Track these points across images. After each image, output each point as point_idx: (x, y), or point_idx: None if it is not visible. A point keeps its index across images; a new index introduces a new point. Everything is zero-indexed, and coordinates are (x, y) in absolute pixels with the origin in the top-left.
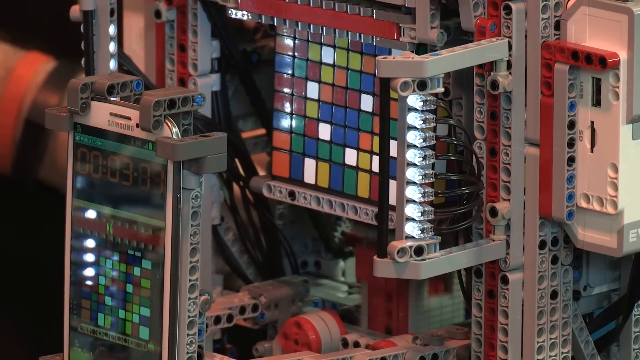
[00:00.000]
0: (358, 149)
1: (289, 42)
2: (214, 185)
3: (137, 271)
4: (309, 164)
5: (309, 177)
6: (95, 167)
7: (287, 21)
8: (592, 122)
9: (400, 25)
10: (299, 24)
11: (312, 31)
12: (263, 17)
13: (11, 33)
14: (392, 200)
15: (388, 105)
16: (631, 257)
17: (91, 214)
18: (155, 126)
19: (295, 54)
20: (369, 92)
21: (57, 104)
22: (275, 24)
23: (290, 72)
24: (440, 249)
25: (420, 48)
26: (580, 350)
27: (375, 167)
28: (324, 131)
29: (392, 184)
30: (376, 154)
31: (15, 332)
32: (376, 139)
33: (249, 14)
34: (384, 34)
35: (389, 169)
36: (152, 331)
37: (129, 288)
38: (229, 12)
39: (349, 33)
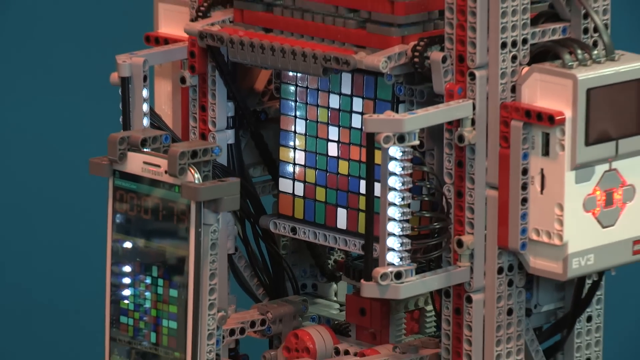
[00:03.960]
0: (348, 191)
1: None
2: (229, 221)
3: (165, 292)
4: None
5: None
6: (131, 206)
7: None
8: (542, 169)
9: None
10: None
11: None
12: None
13: None
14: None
15: (373, 154)
16: (574, 280)
17: (128, 244)
18: (181, 172)
19: (297, 113)
20: (356, 144)
21: None
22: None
23: (292, 129)
24: (415, 274)
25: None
26: (531, 358)
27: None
28: (321, 177)
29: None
30: (363, 194)
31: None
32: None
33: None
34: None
35: (374, 207)
36: (178, 341)
37: (159, 306)
38: (235, 56)
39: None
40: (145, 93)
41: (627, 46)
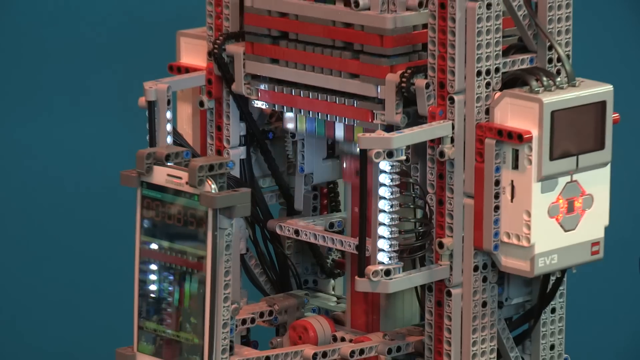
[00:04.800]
0: None
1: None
2: (241, 226)
3: (186, 287)
4: None
5: None
6: (156, 212)
7: (294, 109)
8: (512, 181)
9: (374, 111)
10: (302, 110)
11: (311, 116)
12: (276, 106)
13: None
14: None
15: (366, 169)
16: (540, 277)
17: (154, 246)
18: (200, 183)
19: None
20: None
21: None
22: (285, 111)
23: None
24: (402, 271)
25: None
26: (503, 344)
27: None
28: None
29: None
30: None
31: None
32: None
33: (267, 104)
34: (362, 118)
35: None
36: (197, 330)
37: (181, 299)
38: (253, 102)
39: (337, 117)
40: (168, 115)
41: (628, 48)
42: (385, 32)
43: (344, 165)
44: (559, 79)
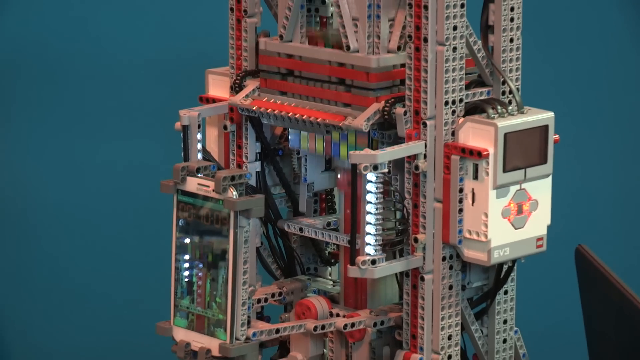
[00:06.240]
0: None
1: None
2: (257, 224)
3: (213, 273)
4: None
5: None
6: (189, 214)
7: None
8: (473, 189)
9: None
10: (300, 132)
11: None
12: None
13: None
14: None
15: (356, 179)
16: (495, 266)
17: (187, 240)
18: (224, 191)
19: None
20: None
21: None
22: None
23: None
24: (385, 261)
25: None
26: (465, 319)
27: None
28: None
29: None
30: None
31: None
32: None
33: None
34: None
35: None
36: (221, 307)
37: (208, 282)
38: (263, 119)
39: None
40: (199, 136)
41: (566, 83)
42: (370, 70)
43: (339, 177)
44: (510, 108)
